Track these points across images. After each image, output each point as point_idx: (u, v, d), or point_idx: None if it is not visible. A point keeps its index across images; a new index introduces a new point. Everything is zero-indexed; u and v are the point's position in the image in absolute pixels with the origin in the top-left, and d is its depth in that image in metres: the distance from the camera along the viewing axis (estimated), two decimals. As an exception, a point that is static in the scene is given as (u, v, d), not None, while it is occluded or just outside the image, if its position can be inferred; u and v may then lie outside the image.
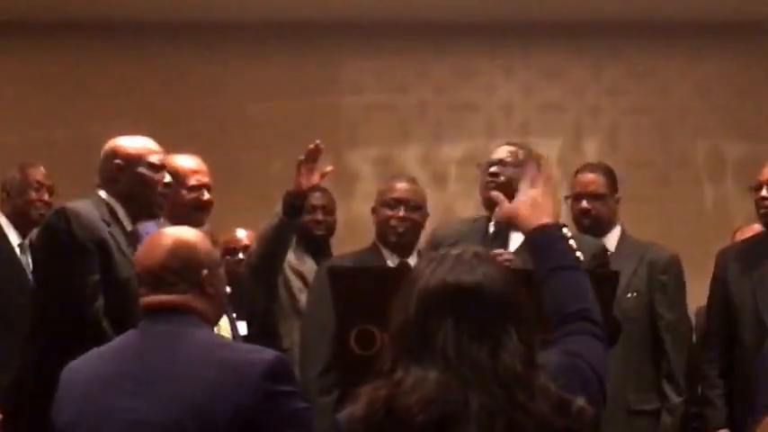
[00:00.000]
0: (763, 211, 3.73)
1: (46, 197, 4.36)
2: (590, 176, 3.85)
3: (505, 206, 2.06)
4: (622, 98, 6.20)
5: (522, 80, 6.16)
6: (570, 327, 1.86)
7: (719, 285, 3.79)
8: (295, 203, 3.66)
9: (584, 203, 3.78)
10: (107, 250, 2.97)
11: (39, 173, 4.42)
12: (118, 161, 3.11)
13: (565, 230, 1.97)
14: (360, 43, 6.06)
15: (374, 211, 3.87)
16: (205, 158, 3.59)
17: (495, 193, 2.19)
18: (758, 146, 5.86)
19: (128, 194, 3.10)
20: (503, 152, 3.37)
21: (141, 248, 2.33)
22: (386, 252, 3.71)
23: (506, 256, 3.06)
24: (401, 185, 3.82)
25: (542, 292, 1.91)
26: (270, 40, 6.02)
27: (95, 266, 2.94)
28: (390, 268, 3.51)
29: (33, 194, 4.37)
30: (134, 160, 3.11)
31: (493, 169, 3.32)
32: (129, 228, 3.09)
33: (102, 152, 3.17)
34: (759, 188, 3.74)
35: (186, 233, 2.33)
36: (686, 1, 5.77)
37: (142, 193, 3.11)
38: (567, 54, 6.11)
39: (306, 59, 6.04)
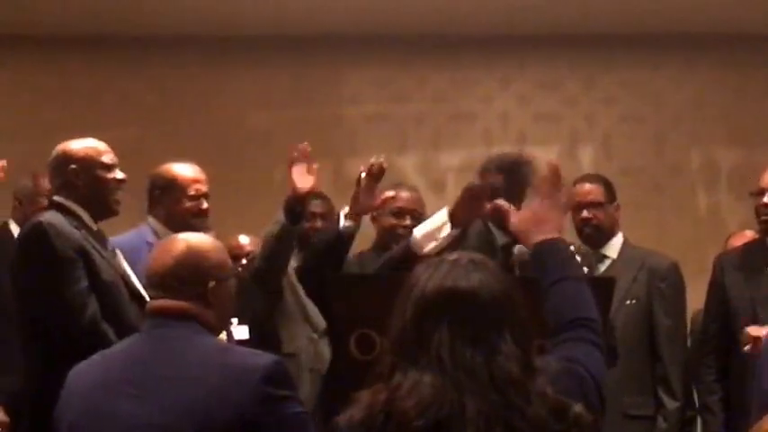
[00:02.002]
0: (764, 217, 3.72)
1: None
2: (588, 186, 3.87)
3: (512, 220, 2.05)
4: (616, 108, 6.24)
5: (518, 91, 6.20)
6: (570, 334, 1.86)
7: (717, 290, 3.79)
8: (295, 209, 3.66)
9: (585, 213, 3.80)
10: (88, 255, 2.97)
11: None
12: (73, 166, 3.10)
13: (569, 245, 1.98)
14: (360, 55, 6.09)
15: (375, 219, 3.91)
16: (208, 167, 3.63)
17: (503, 203, 2.18)
18: (751, 154, 5.89)
19: (86, 197, 3.09)
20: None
21: (155, 251, 2.33)
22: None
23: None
24: (406, 194, 3.87)
25: (546, 303, 1.91)
26: (271, 52, 6.06)
27: (82, 273, 2.93)
28: (390, 274, 3.54)
29: (44, 202, 4.40)
30: (89, 163, 3.11)
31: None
32: (94, 228, 3.09)
33: (52, 159, 3.16)
34: (761, 194, 3.72)
35: (202, 242, 2.30)
36: (678, 13, 5.79)
37: (101, 194, 3.11)
38: (561, 65, 6.15)
39: (307, 71, 6.08)
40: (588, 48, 6.13)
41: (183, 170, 3.52)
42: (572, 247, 2.01)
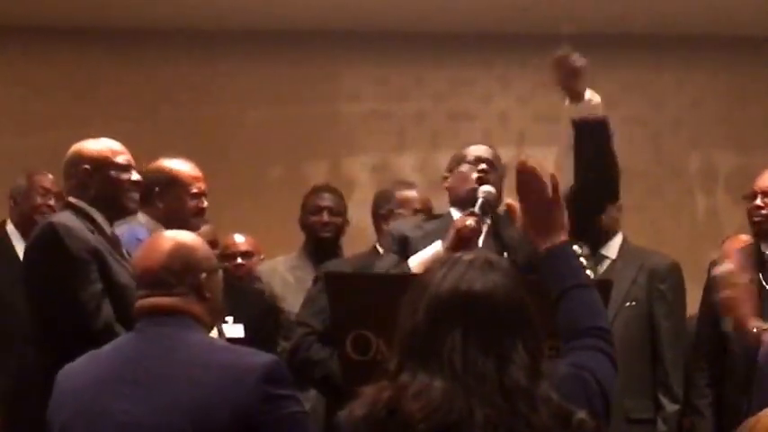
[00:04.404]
0: (756, 219, 3.72)
1: (52, 202, 4.35)
2: None
3: (518, 223, 2.04)
4: (616, 109, 6.22)
5: (518, 90, 6.19)
6: (582, 342, 1.85)
7: (711, 295, 3.76)
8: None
9: None
10: (102, 258, 2.95)
11: (46, 179, 4.42)
12: (86, 166, 3.07)
13: (575, 248, 1.96)
14: (359, 52, 6.08)
15: (385, 217, 3.89)
16: (204, 164, 3.60)
17: (511, 203, 2.16)
18: (750, 157, 5.90)
19: (100, 198, 3.06)
20: (487, 152, 3.29)
21: (140, 251, 2.32)
22: None
23: (471, 222, 3.00)
24: (418, 195, 3.86)
25: (557, 311, 1.90)
26: (270, 48, 6.04)
27: (96, 276, 2.91)
28: (387, 274, 3.53)
29: (39, 200, 4.37)
30: (102, 164, 3.08)
31: (483, 166, 3.22)
32: (108, 232, 3.07)
33: (66, 159, 3.13)
34: (753, 197, 3.73)
35: (186, 237, 2.33)
36: (679, 15, 5.80)
37: (113, 195, 3.08)
38: (562, 65, 6.18)
39: (305, 67, 6.06)
40: (589, 48, 6.10)
41: (185, 167, 3.48)
42: (576, 247, 1.99)
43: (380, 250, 3.79)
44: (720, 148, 6.19)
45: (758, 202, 3.71)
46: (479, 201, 3.10)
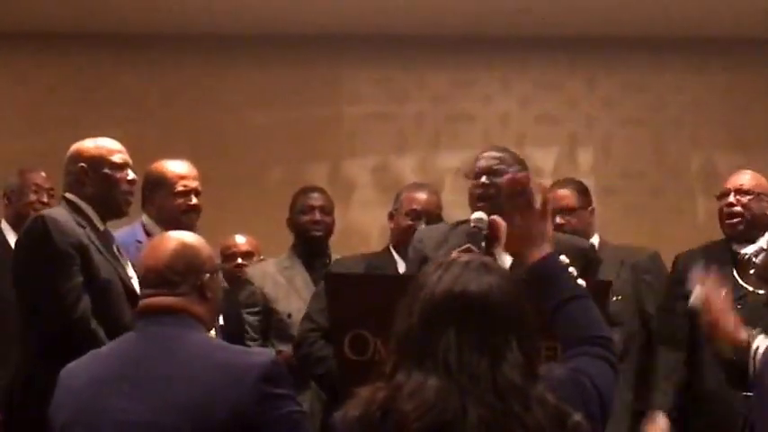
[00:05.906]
0: (728, 222, 3.73)
1: (45, 199, 4.40)
2: (561, 192, 3.91)
3: (505, 236, 2.04)
4: (616, 110, 6.23)
5: (518, 92, 6.20)
6: (583, 349, 1.86)
7: (678, 289, 3.71)
8: None
9: (558, 219, 3.82)
10: (87, 253, 2.99)
11: (38, 176, 4.46)
12: (82, 164, 3.13)
13: (563, 258, 1.95)
14: (360, 54, 6.09)
15: (392, 217, 3.92)
16: (206, 166, 3.63)
17: (496, 219, 2.16)
18: (751, 158, 5.88)
19: (95, 196, 3.12)
20: (490, 161, 3.25)
21: (145, 250, 2.34)
22: (399, 258, 3.75)
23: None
24: (423, 196, 3.87)
25: (554, 324, 1.90)
26: (271, 51, 6.06)
27: (77, 269, 2.96)
28: (386, 275, 3.55)
29: (32, 197, 4.41)
30: (97, 162, 3.14)
31: (483, 180, 3.20)
32: (101, 228, 3.11)
33: (66, 157, 3.20)
34: (727, 195, 3.73)
35: (189, 237, 2.34)
36: (680, 16, 5.79)
37: (108, 193, 3.13)
38: (562, 67, 6.15)
39: (306, 70, 6.08)
40: (589, 49, 6.13)
41: (172, 166, 3.53)
42: (563, 257, 1.97)
43: (393, 252, 3.83)
44: (721, 149, 6.18)
45: (731, 199, 3.72)
46: (473, 231, 3.05)
